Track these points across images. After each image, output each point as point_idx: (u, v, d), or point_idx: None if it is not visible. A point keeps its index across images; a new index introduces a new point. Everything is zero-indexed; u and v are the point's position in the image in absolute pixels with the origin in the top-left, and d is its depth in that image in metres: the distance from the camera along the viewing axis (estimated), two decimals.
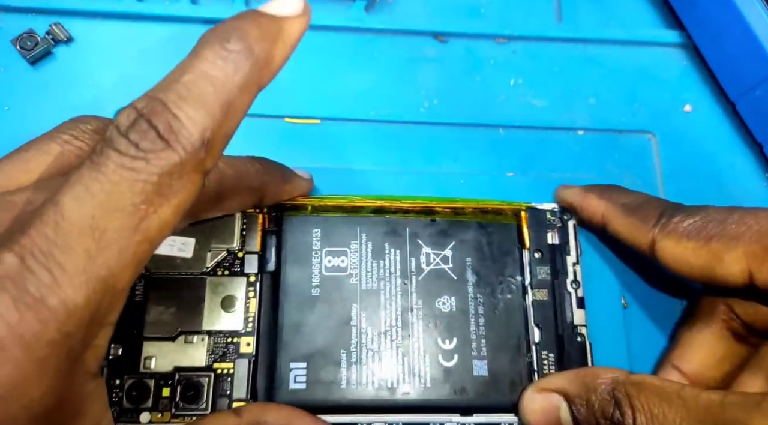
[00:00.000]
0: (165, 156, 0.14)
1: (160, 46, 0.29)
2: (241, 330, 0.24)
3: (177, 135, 0.14)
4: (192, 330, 0.23)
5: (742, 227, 0.21)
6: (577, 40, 0.31)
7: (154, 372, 0.23)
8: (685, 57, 0.32)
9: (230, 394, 0.23)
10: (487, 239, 0.25)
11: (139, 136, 0.14)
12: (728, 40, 0.28)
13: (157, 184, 0.14)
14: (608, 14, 0.32)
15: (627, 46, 0.31)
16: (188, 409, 0.23)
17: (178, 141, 0.14)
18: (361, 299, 0.24)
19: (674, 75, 0.31)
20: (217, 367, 0.23)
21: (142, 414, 0.22)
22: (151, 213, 0.14)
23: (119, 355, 0.23)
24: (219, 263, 0.24)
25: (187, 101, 0.15)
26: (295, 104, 0.29)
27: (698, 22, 0.30)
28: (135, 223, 0.14)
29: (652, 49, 0.31)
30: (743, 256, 0.21)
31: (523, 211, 0.26)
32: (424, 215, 0.26)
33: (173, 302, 0.24)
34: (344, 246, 0.25)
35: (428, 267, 0.25)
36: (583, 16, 0.32)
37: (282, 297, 0.24)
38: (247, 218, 0.25)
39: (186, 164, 0.14)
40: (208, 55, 0.15)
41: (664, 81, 0.31)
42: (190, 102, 0.15)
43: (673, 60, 0.31)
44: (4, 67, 0.28)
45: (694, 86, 0.31)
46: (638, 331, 0.26)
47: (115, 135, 0.14)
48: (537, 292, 0.25)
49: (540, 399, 0.22)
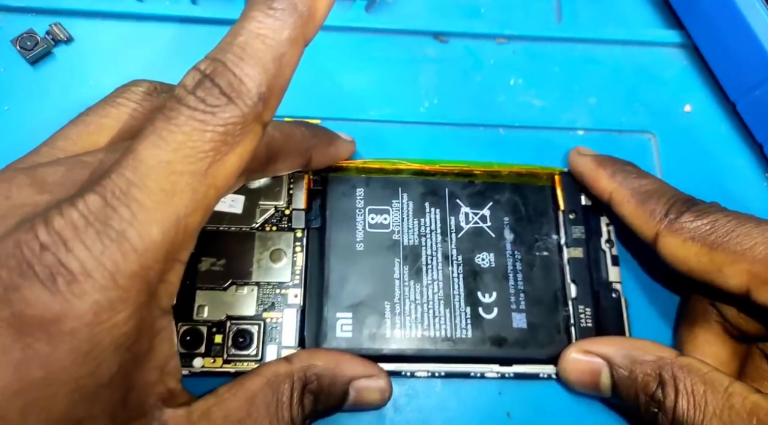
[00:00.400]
0: (229, 109, 0.16)
1: (160, 46, 0.29)
2: (289, 282, 0.25)
3: (237, 92, 0.16)
4: (242, 281, 0.25)
5: (749, 242, 0.21)
6: (577, 40, 0.31)
7: (206, 320, 0.24)
8: (685, 57, 0.32)
9: (279, 341, 0.24)
10: (523, 201, 0.26)
11: (204, 93, 0.16)
12: (728, 40, 0.28)
13: (223, 133, 0.16)
14: (608, 14, 0.32)
15: (627, 46, 0.31)
16: (239, 356, 0.24)
17: (239, 97, 0.16)
18: (403, 255, 0.25)
19: (674, 75, 0.31)
20: (266, 316, 0.24)
21: (195, 359, 0.23)
22: (218, 160, 0.16)
23: (174, 304, 0.24)
24: (267, 219, 0.26)
25: (243, 60, 0.16)
26: (295, 104, 0.29)
27: (698, 22, 0.30)
28: (204, 168, 0.16)
29: (652, 49, 0.31)
30: (745, 273, 0.21)
31: (557, 175, 0.27)
32: (462, 177, 0.27)
33: (224, 254, 0.25)
34: (386, 205, 0.26)
35: (467, 225, 0.26)
36: (583, 16, 0.32)
37: (328, 252, 0.25)
38: (293, 178, 0.26)
39: (247, 115, 0.16)
40: (256, 15, 0.17)
41: (664, 81, 0.31)
42: (246, 60, 0.16)
43: (673, 60, 0.31)
44: (4, 67, 0.28)
45: (694, 86, 0.31)
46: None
47: (183, 93, 0.16)
48: (572, 250, 0.26)
49: (583, 360, 0.23)
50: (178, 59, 0.29)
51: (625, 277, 0.27)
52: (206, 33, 0.29)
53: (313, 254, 0.25)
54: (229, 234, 0.25)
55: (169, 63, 0.28)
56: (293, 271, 0.25)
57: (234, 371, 0.23)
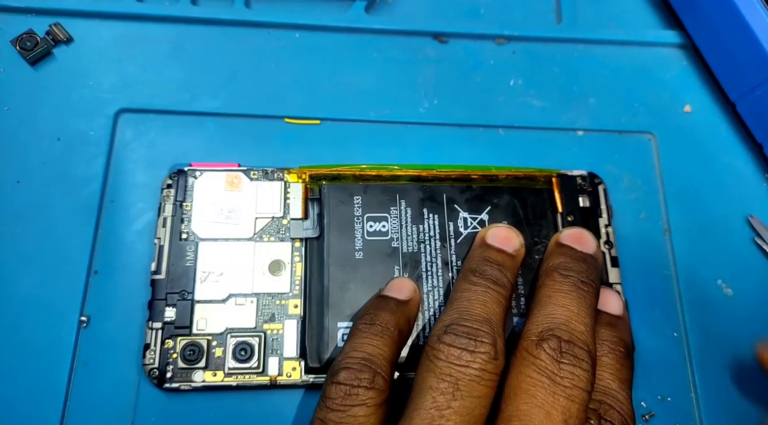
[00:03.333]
0: None
1: (160, 46, 0.29)
2: (289, 292, 0.25)
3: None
4: (241, 293, 0.24)
5: None
6: (577, 40, 0.31)
7: (206, 333, 0.24)
8: (685, 57, 0.32)
9: (281, 353, 0.24)
10: (521, 204, 0.26)
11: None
12: (728, 40, 0.28)
13: None
14: (608, 14, 0.32)
15: (627, 46, 0.31)
16: (240, 369, 0.23)
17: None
18: (403, 262, 0.25)
19: (674, 75, 0.31)
20: (266, 328, 0.24)
21: (196, 373, 0.23)
22: None
23: (173, 318, 0.24)
24: (264, 229, 0.25)
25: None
26: (295, 104, 0.29)
27: (698, 22, 0.30)
28: None
29: (652, 50, 0.31)
30: None
31: (554, 177, 0.27)
32: (459, 182, 0.27)
33: (222, 266, 0.25)
34: (384, 212, 0.26)
35: (466, 231, 0.26)
36: (583, 16, 0.32)
37: (327, 261, 0.25)
38: (290, 187, 0.26)
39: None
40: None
41: (664, 81, 0.31)
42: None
43: (673, 60, 0.31)
44: (4, 68, 0.28)
45: (694, 86, 0.31)
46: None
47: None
48: None
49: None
50: (178, 59, 0.29)
51: (625, 278, 0.27)
52: (206, 33, 0.29)
53: (312, 263, 0.25)
54: (226, 246, 0.25)
55: (170, 63, 0.28)
56: (292, 281, 0.25)
57: (236, 384, 0.23)
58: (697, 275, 0.28)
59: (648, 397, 0.26)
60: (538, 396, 0.19)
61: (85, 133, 0.27)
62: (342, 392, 0.19)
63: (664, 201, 0.29)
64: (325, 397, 0.20)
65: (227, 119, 0.28)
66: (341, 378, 0.20)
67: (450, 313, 0.21)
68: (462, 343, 0.20)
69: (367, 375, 0.20)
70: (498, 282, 0.22)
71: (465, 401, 0.19)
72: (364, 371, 0.20)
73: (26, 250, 0.25)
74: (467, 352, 0.19)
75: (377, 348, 0.21)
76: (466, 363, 0.19)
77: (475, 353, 0.19)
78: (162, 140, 0.27)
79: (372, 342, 0.21)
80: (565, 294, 0.21)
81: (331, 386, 0.20)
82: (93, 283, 0.25)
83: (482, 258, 0.23)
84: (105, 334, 0.24)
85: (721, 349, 0.26)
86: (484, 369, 0.19)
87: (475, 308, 0.21)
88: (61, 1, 0.28)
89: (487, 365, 0.19)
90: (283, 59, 0.29)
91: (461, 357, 0.19)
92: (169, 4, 0.29)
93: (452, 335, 0.20)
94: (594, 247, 0.24)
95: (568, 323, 0.20)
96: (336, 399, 0.19)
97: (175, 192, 0.25)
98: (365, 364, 0.20)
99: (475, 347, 0.20)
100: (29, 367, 0.24)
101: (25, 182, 0.26)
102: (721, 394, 0.26)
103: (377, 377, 0.20)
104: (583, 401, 0.19)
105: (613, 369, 0.21)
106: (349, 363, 0.20)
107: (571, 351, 0.19)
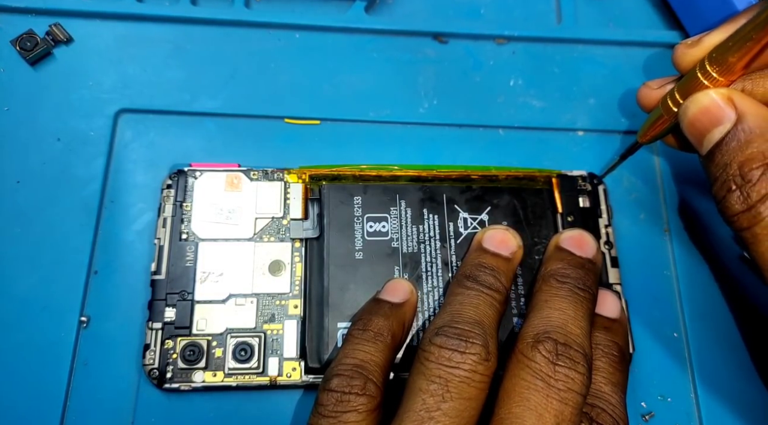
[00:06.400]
0: None
1: (160, 46, 0.29)
2: (288, 292, 0.25)
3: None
4: (241, 294, 0.24)
5: None
6: (577, 40, 0.31)
7: (206, 334, 0.24)
8: None
9: (281, 354, 0.24)
10: (521, 204, 0.26)
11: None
12: None
13: None
14: (608, 15, 0.32)
15: (627, 47, 0.31)
16: (240, 369, 0.23)
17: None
18: (403, 262, 0.25)
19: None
20: (266, 328, 0.24)
21: (196, 373, 0.23)
22: None
23: (173, 318, 0.24)
24: (264, 229, 0.25)
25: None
26: (295, 104, 0.29)
27: (698, 23, 0.30)
28: None
29: (652, 50, 0.31)
30: None
31: (554, 177, 0.27)
32: (459, 182, 0.26)
33: (222, 267, 0.25)
34: (384, 212, 0.26)
35: (466, 231, 0.26)
36: (583, 16, 0.32)
37: (327, 261, 0.25)
38: (290, 188, 0.26)
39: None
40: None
41: None
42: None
43: None
44: (4, 68, 0.28)
45: None
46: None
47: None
48: None
49: (718, 104, 0.20)
50: (178, 59, 0.29)
51: (625, 278, 0.27)
52: (206, 33, 0.29)
53: (312, 264, 0.25)
54: (226, 246, 0.25)
55: (170, 63, 0.28)
56: (292, 282, 0.25)
57: (235, 384, 0.23)
58: (697, 275, 0.28)
59: (648, 397, 0.26)
60: (532, 399, 0.19)
61: (85, 133, 0.27)
62: (334, 399, 0.20)
63: (664, 201, 0.29)
64: (318, 404, 0.20)
65: (227, 119, 0.28)
66: (333, 385, 0.20)
67: (442, 316, 0.21)
68: (452, 344, 0.20)
69: (358, 381, 0.20)
70: (491, 287, 0.22)
71: (455, 402, 0.19)
72: (356, 378, 0.20)
73: (26, 250, 0.25)
74: (458, 353, 0.20)
75: (369, 354, 0.21)
76: (456, 364, 0.19)
77: (466, 354, 0.19)
78: (162, 140, 0.27)
79: (364, 348, 0.21)
80: (561, 299, 0.21)
81: (324, 393, 0.20)
82: (93, 283, 0.25)
83: (476, 264, 0.23)
84: (105, 334, 0.24)
85: (721, 349, 0.26)
86: (474, 371, 0.19)
87: (466, 311, 0.21)
88: (61, 1, 0.28)
89: (477, 366, 0.19)
90: (283, 59, 0.29)
91: (452, 359, 0.19)
92: (169, 4, 0.29)
93: (443, 336, 0.20)
94: (594, 251, 0.24)
95: (564, 326, 0.20)
96: (328, 405, 0.20)
97: (175, 192, 0.25)
98: (357, 371, 0.20)
99: (466, 348, 0.20)
100: (29, 367, 0.24)
101: (25, 182, 0.26)
102: (721, 394, 0.26)
103: (369, 383, 0.20)
104: (576, 404, 0.19)
105: (606, 372, 0.22)
106: (341, 369, 0.20)
107: (567, 353, 0.19)
